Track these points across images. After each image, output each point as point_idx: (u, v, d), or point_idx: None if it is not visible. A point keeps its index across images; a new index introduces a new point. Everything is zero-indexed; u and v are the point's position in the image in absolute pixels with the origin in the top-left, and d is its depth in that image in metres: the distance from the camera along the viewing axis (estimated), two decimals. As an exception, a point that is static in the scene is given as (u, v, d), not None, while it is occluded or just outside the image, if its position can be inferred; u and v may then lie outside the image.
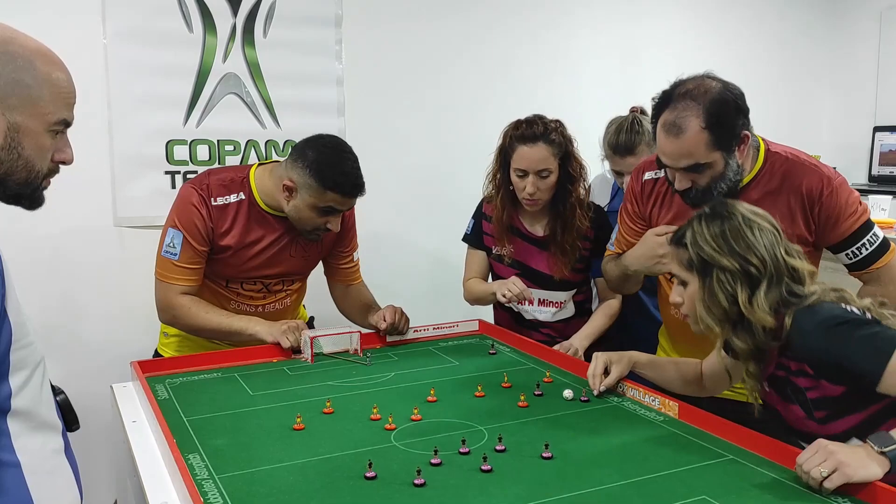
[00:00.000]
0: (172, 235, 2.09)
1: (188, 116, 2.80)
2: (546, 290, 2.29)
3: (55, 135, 1.18)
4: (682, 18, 3.71)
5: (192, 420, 1.62)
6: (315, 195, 2.04)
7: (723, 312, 1.49)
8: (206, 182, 2.14)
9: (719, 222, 1.50)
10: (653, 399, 1.70)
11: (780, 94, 4.05)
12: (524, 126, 2.19)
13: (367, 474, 1.34)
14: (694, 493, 1.27)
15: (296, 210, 2.09)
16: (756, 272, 1.46)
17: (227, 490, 1.30)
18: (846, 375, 1.41)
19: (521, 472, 1.36)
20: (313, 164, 2.03)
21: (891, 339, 1.37)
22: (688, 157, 1.74)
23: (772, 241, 1.48)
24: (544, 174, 2.17)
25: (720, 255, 1.47)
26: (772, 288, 1.46)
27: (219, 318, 2.11)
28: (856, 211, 1.80)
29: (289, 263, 2.23)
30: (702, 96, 1.72)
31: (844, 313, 1.43)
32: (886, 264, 1.81)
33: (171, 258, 2.09)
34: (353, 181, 2.06)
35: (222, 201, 2.12)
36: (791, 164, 1.83)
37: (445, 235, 3.25)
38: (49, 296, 2.66)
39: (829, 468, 1.24)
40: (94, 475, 2.52)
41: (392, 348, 2.21)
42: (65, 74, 1.18)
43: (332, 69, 3.01)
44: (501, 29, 3.32)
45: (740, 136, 1.75)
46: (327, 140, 2.13)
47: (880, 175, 4.22)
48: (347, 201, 2.09)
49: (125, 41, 2.68)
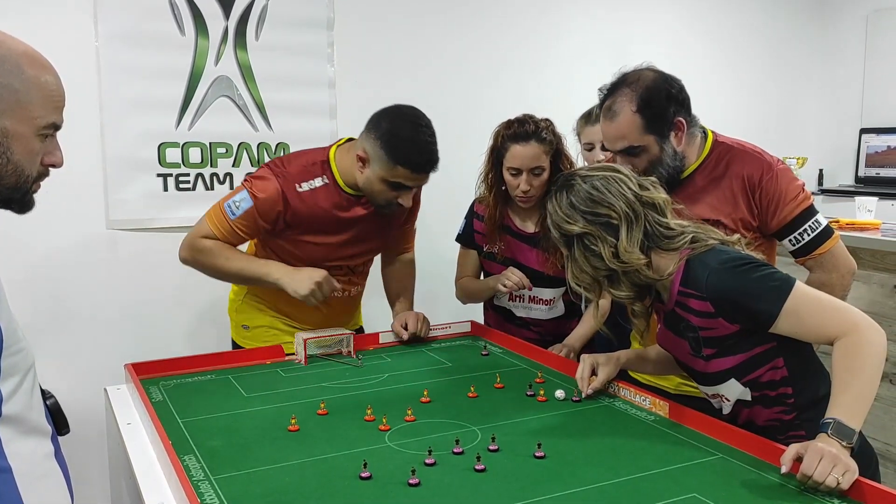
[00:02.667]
0: (243, 198, 2.03)
1: (180, 119, 2.80)
2: (536, 287, 2.31)
3: (45, 138, 1.16)
4: (671, 21, 3.74)
5: (187, 422, 1.63)
6: (386, 168, 1.98)
7: (591, 277, 1.57)
8: (285, 170, 2.08)
9: (564, 194, 1.58)
10: (643, 399, 1.72)
11: (768, 96, 4.10)
12: (516, 125, 2.23)
13: (362, 474, 1.35)
14: (684, 491, 1.29)
15: (368, 182, 2.04)
16: (614, 220, 1.53)
17: (223, 491, 1.31)
18: (744, 315, 1.47)
19: (515, 472, 1.38)
20: (385, 136, 1.97)
21: (785, 282, 1.45)
22: (622, 140, 1.85)
23: (617, 185, 1.55)
24: (537, 171, 2.21)
25: (574, 224, 1.55)
26: (633, 228, 1.53)
27: (239, 264, 2.06)
28: (797, 197, 1.86)
29: (368, 242, 2.20)
30: (636, 83, 1.84)
31: (743, 255, 1.51)
32: (828, 251, 1.87)
33: (229, 214, 2.04)
34: (426, 157, 1.99)
35: (307, 187, 2.06)
36: (735, 152, 1.91)
37: (437, 237, 3.26)
38: (41, 299, 2.66)
39: (841, 472, 1.26)
40: (88, 478, 2.54)
41: (385, 350, 2.22)
42: (53, 77, 1.17)
43: (325, 72, 3.02)
44: (493, 31, 3.34)
45: (673, 122, 1.84)
46: (404, 111, 2.06)
47: (867, 176, 4.27)
48: (418, 178, 2.03)
49: (117, 44, 2.68)
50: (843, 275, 1.88)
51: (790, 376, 1.52)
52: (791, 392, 1.52)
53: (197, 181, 2.84)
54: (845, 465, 1.26)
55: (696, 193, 1.88)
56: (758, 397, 1.55)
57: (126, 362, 1.96)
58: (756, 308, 1.45)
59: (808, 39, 4.26)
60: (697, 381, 1.66)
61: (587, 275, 1.57)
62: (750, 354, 1.52)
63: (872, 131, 4.26)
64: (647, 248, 1.55)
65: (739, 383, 1.54)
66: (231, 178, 2.89)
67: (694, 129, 1.90)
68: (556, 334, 2.32)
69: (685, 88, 1.88)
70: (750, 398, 1.55)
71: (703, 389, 1.65)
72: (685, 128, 1.85)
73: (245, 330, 2.29)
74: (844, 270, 1.88)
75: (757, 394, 1.54)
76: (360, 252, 2.21)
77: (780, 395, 1.53)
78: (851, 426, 1.31)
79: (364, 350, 2.19)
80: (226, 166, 2.88)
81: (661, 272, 1.55)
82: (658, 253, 1.55)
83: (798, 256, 1.90)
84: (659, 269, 1.55)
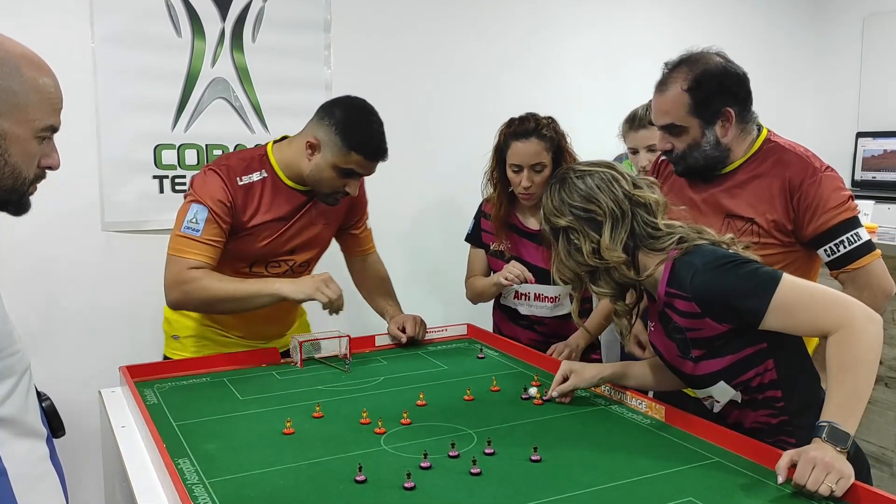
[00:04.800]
0: (196, 211, 1.98)
1: (176, 121, 2.79)
2: (541, 284, 2.32)
3: (42, 141, 1.17)
4: (668, 23, 3.74)
5: (181, 425, 1.62)
6: (338, 155, 2.00)
7: (573, 272, 1.59)
8: (224, 164, 2.07)
9: (557, 188, 1.60)
10: (640, 402, 1.71)
11: (764, 99, 4.05)
12: (517, 123, 2.28)
13: (357, 478, 1.35)
14: (681, 495, 1.29)
15: (317, 169, 2.03)
16: (598, 216, 1.54)
17: (217, 494, 1.30)
18: (731, 313, 1.46)
19: (510, 475, 1.37)
20: (340, 123, 2.00)
21: (772, 276, 1.43)
22: (666, 115, 1.85)
23: (607, 182, 1.56)
24: (538, 168, 2.24)
25: (560, 217, 1.57)
26: (618, 226, 1.54)
27: (233, 285, 1.99)
28: (839, 206, 1.78)
29: (311, 233, 2.18)
30: (695, 64, 1.83)
31: (729, 253, 1.50)
32: (864, 267, 1.78)
33: (193, 234, 1.97)
34: (377, 144, 2.03)
35: (247, 180, 2.05)
36: (784, 152, 1.86)
37: (435, 239, 3.27)
38: (36, 300, 2.64)
39: (835, 479, 1.25)
40: (82, 481, 2.53)
41: (381, 353, 2.22)
42: (51, 79, 1.17)
43: (321, 74, 3.02)
44: (490, 33, 3.33)
45: (721, 111, 1.82)
46: (356, 101, 2.10)
47: (863, 180, 4.27)
48: (370, 165, 2.05)
49: (113, 45, 2.67)
50: (875, 294, 1.76)
51: (780, 379, 1.51)
52: (780, 396, 1.51)
53: (193, 183, 2.83)
54: (839, 472, 1.25)
55: (736, 188, 1.86)
56: (747, 400, 1.54)
57: (121, 365, 1.95)
58: (742, 305, 1.43)
59: (805, 43, 4.27)
60: (687, 384, 1.66)
61: (568, 269, 1.60)
62: (739, 356, 1.50)
63: (869, 135, 4.26)
64: (632, 247, 1.55)
65: (729, 386, 1.53)
66: (227, 180, 2.87)
67: (749, 124, 1.87)
68: (561, 335, 2.33)
69: (747, 81, 1.86)
70: (740, 401, 1.55)
71: (695, 392, 1.65)
72: (734, 119, 1.82)
73: (175, 340, 2.22)
74: (878, 291, 1.78)
75: (747, 397, 1.54)
76: (302, 246, 2.16)
77: (768, 399, 1.52)
78: (846, 429, 1.30)
79: (360, 353, 2.19)
80: (222, 168, 2.87)
81: (644, 272, 1.55)
82: (644, 252, 1.56)
83: (832, 269, 1.82)
84: (645, 268, 1.55)
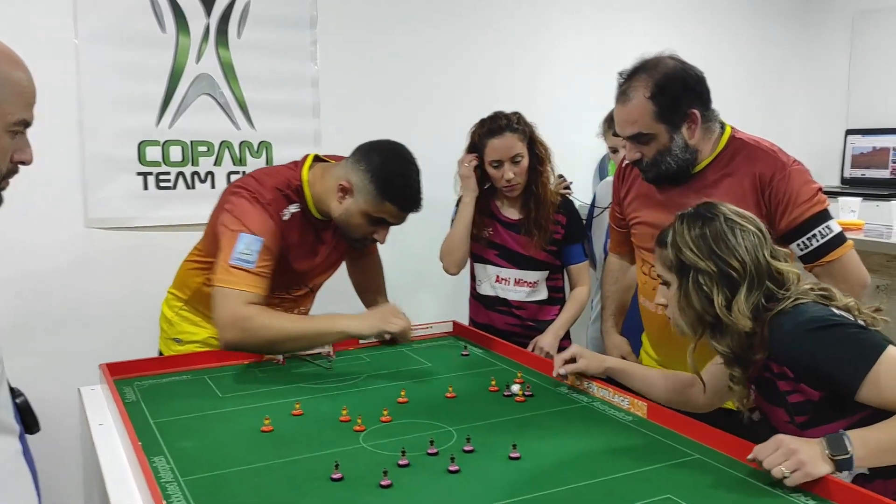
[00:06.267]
0: (248, 242, 1.87)
1: (161, 117, 2.77)
2: (521, 269, 2.43)
3: (14, 135, 1.17)
4: (656, 24, 3.73)
5: (159, 422, 1.61)
6: (372, 203, 1.94)
7: (696, 316, 1.47)
8: (267, 197, 1.95)
9: (700, 223, 1.47)
10: (622, 399, 1.70)
11: (753, 97, 4.09)
12: (489, 122, 2.39)
13: (333, 476, 1.33)
14: (659, 492, 1.28)
15: (347, 214, 1.97)
16: (736, 275, 1.42)
17: (191, 493, 1.28)
18: (824, 381, 1.37)
19: (489, 473, 1.36)
20: (377, 170, 1.93)
21: (874, 346, 1.32)
22: (632, 125, 1.83)
23: (754, 244, 1.44)
24: (517, 159, 2.35)
25: (698, 258, 1.45)
26: (752, 292, 1.43)
27: (297, 324, 1.92)
28: (810, 199, 1.77)
29: (333, 258, 2.19)
30: (654, 69, 1.81)
31: (827, 315, 1.39)
32: (838, 259, 1.77)
33: (247, 265, 1.85)
34: (413, 195, 1.97)
35: (287, 214, 1.98)
36: (750, 148, 1.86)
37: (420, 236, 3.25)
38: (17, 297, 2.62)
39: (791, 468, 1.24)
40: (62, 479, 2.50)
41: (364, 350, 2.20)
42: (25, 74, 1.17)
43: (307, 70, 3.00)
44: (478, 31, 3.33)
45: (687, 113, 1.80)
46: (398, 148, 2.02)
47: (852, 177, 4.28)
48: (402, 216, 2.00)
49: (97, 41, 2.65)
50: (852, 286, 1.74)
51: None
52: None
53: (178, 180, 2.82)
54: (799, 463, 1.24)
55: (706, 189, 1.84)
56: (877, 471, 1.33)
57: (103, 362, 1.93)
58: (835, 374, 1.34)
59: (794, 41, 4.26)
60: None
61: (694, 311, 1.46)
62: (850, 421, 1.34)
63: (858, 132, 4.27)
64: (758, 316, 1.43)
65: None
66: (212, 177, 2.86)
67: (711, 122, 1.86)
68: (538, 318, 2.44)
69: (705, 80, 1.84)
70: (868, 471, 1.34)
71: None
72: (699, 120, 1.81)
73: (177, 343, 2.19)
74: (854, 282, 1.77)
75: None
76: (323, 270, 2.19)
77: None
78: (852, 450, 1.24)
79: (343, 350, 2.17)
80: (207, 165, 2.86)
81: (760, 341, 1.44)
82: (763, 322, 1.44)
83: (806, 263, 1.81)
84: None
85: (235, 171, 2.89)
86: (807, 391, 1.41)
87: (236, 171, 2.89)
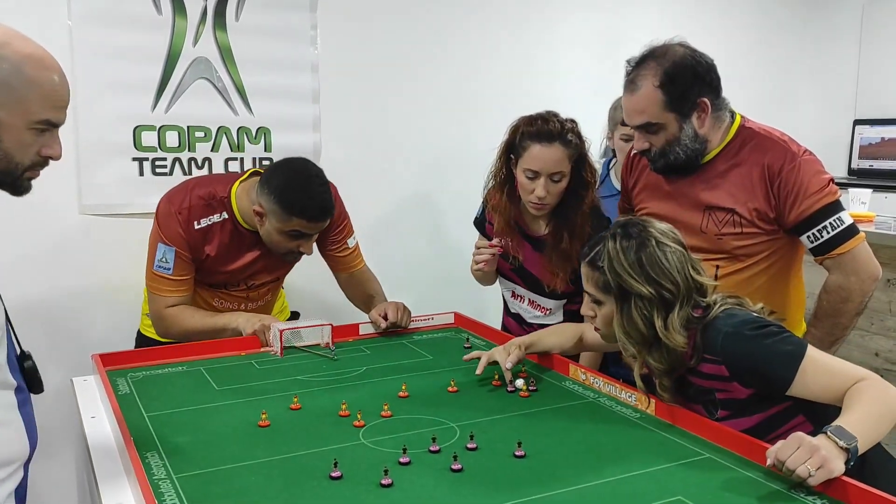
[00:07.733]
0: (164, 251, 2.10)
1: (157, 102, 2.70)
2: (537, 294, 2.19)
3: (39, 132, 1.25)
4: (662, 12, 3.67)
5: (152, 416, 1.56)
6: (281, 221, 2.03)
7: (640, 336, 1.51)
8: (186, 204, 2.11)
9: (635, 247, 1.50)
10: (629, 395, 1.66)
11: (761, 87, 4.03)
12: (539, 123, 2.01)
13: (332, 474, 1.29)
14: (669, 494, 1.23)
15: (267, 235, 2.09)
16: (670, 296, 1.48)
17: (184, 491, 1.24)
18: (758, 379, 1.44)
19: (493, 472, 1.32)
20: (277, 191, 2.01)
21: (798, 345, 1.42)
22: (640, 115, 1.79)
23: (682, 262, 1.50)
24: (556, 178, 2.00)
25: (638, 284, 1.48)
26: (683, 307, 1.49)
27: (203, 320, 2.12)
28: (820, 191, 1.75)
29: (268, 263, 2.23)
30: (662, 57, 1.77)
31: (755, 318, 1.47)
32: (849, 251, 1.75)
33: (165, 272, 2.11)
34: (318, 205, 2.04)
35: (205, 223, 2.11)
36: (760, 138, 1.82)
37: (422, 226, 3.21)
38: (10, 285, 2.56)
39: (816, 465, 1.20)
40: (57, 473, 2.46)
41: (364, 342, 2.16)
42: (57, 78, 1.26)
43: (307, 55, 2.93)
44: (481, 17, 3.26)
45: (696, 102, 1.77)
46: (294, 164, 2.11)
47: (860, 168, 4.22)
48: (315, 225, 2.07)
49: (91, 23, 2.58)
50: (863, 280, 1.76)
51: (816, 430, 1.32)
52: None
53: (174, 166, 2.75)
54: (822, 459, 1.20)
55: (715, 178, 1.82)
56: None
57: (98, 351, 1.88)
58: (771, 373, 1.41)
59: (802, 29, 4.19)
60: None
61: (639, 332, 1.51)
62: (767, 415, 1.46)
63: (866, 122, 4.21)
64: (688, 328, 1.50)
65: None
66: (210, 163, 2.80)
67: (721, 111, 1.82)
68: None
69: (716, 68, 1.80)
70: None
71: None
72: (709, 109, 1.78)
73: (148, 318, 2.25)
74: (865, 275, 1.76)
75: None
76: (259, 273, 2.24)
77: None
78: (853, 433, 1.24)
79: (343, 342, 2.12)
80: (204, 151, 2.79)
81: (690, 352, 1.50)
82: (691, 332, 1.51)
83: (816, 255, 1.79)
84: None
85: (233, 157, 2.83)
86: (737, 389, 1.46)
87: (234, 158, 2.83)
